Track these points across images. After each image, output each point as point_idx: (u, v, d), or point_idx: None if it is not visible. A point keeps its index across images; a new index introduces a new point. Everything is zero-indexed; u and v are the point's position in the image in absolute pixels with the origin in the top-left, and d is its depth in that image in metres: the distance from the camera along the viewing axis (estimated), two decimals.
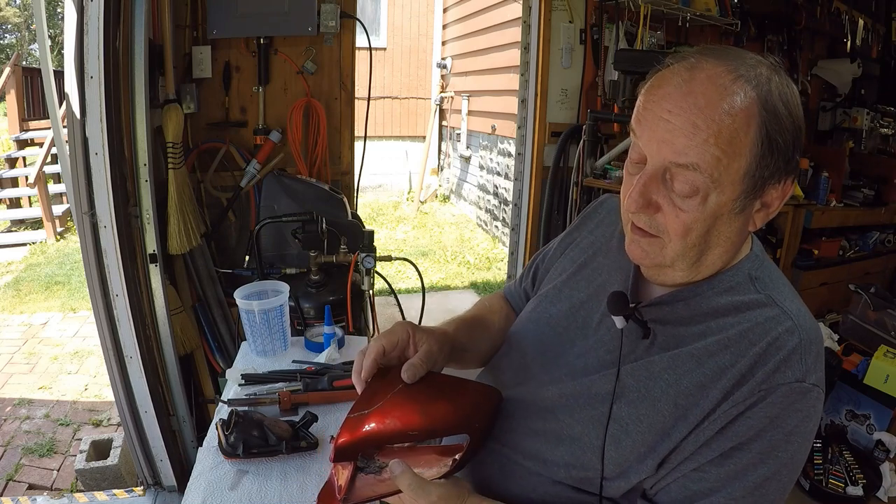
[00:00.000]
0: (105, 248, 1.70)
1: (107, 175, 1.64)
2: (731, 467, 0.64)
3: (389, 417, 0.69)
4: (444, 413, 0.73)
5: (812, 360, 0.65)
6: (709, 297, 0.71)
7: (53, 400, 2.87)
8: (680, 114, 0.61)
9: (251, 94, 2.24)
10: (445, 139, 7.36)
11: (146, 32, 1.76)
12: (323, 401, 1.22)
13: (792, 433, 0.63)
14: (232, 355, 1.96)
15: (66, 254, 5.04)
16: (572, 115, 2.75)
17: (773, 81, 0.63)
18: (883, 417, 1.60)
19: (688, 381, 0.67)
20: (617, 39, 2.65)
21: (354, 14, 2.31)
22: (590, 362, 0.76)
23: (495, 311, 1.00)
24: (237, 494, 0.99)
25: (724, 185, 0.62)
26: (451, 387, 0.77)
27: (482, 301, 1.04)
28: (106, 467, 2.17)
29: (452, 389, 0.77)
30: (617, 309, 0.71)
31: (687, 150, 0.61)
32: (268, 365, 1.38)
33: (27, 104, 6.10)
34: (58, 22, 12.34)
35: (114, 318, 1.77)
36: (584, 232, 0.90)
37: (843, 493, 1.44)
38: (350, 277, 1.80)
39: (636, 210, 0.66)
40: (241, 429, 1.05)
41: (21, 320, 3.80)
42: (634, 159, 0.68)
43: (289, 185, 2.16)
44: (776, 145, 0.62)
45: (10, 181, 5.76)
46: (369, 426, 0.68)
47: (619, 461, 0.69)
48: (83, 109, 1.61)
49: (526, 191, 2.88)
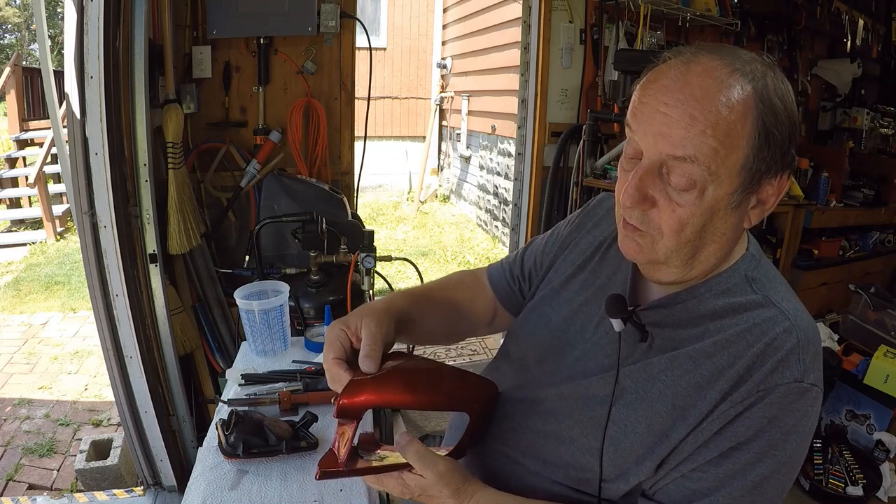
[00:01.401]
0: (105, 248, 1.70)
1: (107, 175, 1.64)
2: (729, 467, 0.64)
3: (394, 380, 0.69)
4: (447, 385, 0.74)
5: (810, 359, 0.65)
6: (706, 299, 0.71)
7: (53, 400, 2.87)
8: (677, 106, 0.61)
9: (251, 94, 2.24)
10: (445, 139, 7.36)
11: (146, 32, 1.76)
12: (323, 401, 1.22)
13: (790, 432, 0.63)
14: (232, 355, 1.97)
15: (66, 254, 5.04)
16: (572, 115, 2.76)
17: (769, 76, 0.63)
18: (883, 417, 1.60)
19: (686, 383, 0.67)
20: (617, 39, 2.65)
21: (354, 14, 2.31)
22: (588, 365, 0.76)
23: (455, 287, 0.96)
24: (237, 494, 0.99)
25: (721, 179, 0.62)
26: (450, 369, 0.78)
27: (445, 277, 1.00)
28: (106, 467, 2.17)
29: (452, 371, 0.77)
30: (615, 312, 0.70)
31: (684, 141, 0.61)
32: (268, 365, 1.38)
33: (27, 104, 6.10)
34: (58, 22, 12.34)
35: (114, 318, 1.77)
36: (583, 232, 0.89)
37: (843, 493, 1.44)
38: (350, 277, 1.80)
39: (632, 205, 0.66)
40: (241, 429, 1.05)
41: (21, 320, 3.80)
42: (630, 155, 0.68)
43: (289, 185, 2.16)
44: (773, 138, 0.62)
45: (10, 181, 5.76)
46: (374, 385, 0.67)
47: (617, 463, 0.69)
48: (83, 109, 1.61)
49: (526, 191, 2.88)
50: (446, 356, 3.23)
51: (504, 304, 0.96)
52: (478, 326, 0.97)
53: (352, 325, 0.73)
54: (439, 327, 0.90)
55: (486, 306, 0.96)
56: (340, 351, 0.72)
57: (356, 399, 0.66)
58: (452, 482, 0.68)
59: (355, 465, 0.70)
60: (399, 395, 0.68)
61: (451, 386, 0.75)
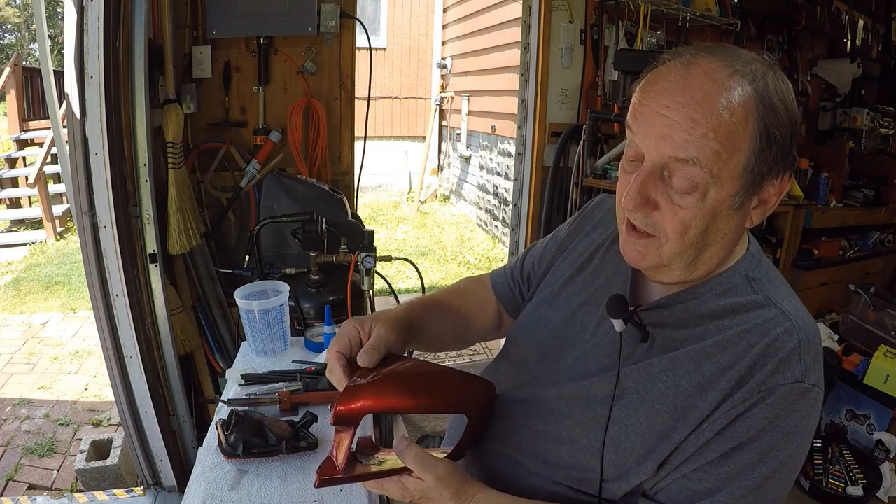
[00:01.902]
0: (105, 248, 1.70)
1: (107, 175, 1.64)
2: (730, 467, 0.64)
3: (390, 385, 0.69)
4: (444, 388, 0.74)
5: (811, 359, 0.65)
6: (707, 299, 0.71)
7: (53, 400, 2.87)
8: (678, 109, 0.61)
9: (251, 94, 2.24)
10: (445, 139, 7.36)
11: (146, 32, 1.75)
12: (323, 401, 1.22)
13: (791, 433, 0.63)
14: (232, 355, 1.97)
15: (66, 254, 5.04)
16: (572, 115, 2.75)
17: (769, 77, 0.63)
18: (883, 417, 1.60)
19: (687, 383, 0.67)
20: (617, 39, 2.65)
21: (354, 14, 2.31)
22: (589, 365, 0.76)
23: (463, 294, 0.98)
24: (237, 494, 0.99)
25: (723, 181, 0.62)
26: (447, 371, 0.78)
27: (455, 284, 1.02)
28: (106, 467, 2.17)
29: (449, 373, 0.78)
30: (616, 312, 0.70)
31: (686, 144, 0.61)
32: (268, 365, 1.39)
33: (27, 104, 6.10)
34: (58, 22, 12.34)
35: (114, 318, 1.77)
36: (581, 234, 0.89)
37: (843, 494, 1.44)
38: (350, 277, 1.80)
39: (634, 208, 0.66)
40: (241, 429, 1.05)
41: (21, 320, 3.80)
42: (631, 157, 0.68)
43: (289, 185, 2.16)
44: (774, 139, 0.62)
45: (10, 181, 5.76)
46: (370, 391, 0.68)
47: (618, 463, 0.69)
48: (83, 109, 1.61)
49: (526, 191, 2.88)
50: (446, 356, 3.23)
51: (506, 308, 0.98)
52: (487, 332, 0.99)
53: (366, 326, 0.76)
54: (449, 335, 0.92)
55: (493, 313, 0.98)
56: (346, 346, 0.74)
57: (352, 406, 0.66)
58: (452, 484, 0.68)
59: (354, 470, 0.70)
60: (395, 399, 0.69)
61: (448, 389, 0.75)
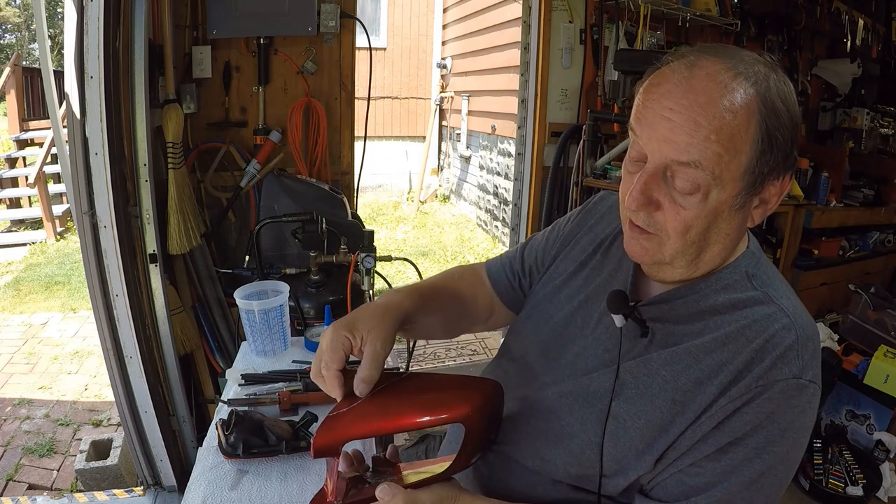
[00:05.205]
0: (105, 248, 1.70)
1: (107, 175, 1.64)
2: (727, 462, 0.64)
3: (371, 412, 0.67)
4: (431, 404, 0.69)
5: (808, 356, 0.65)
6: (707, 294, 0.71)
7: (53, 400, 2.87)
8: (681, 111, 0.61)
9: (251, 94, 2.24)
10: (445, 139, 7.36)
11: (146, 32, 1.76)
12: (323, 401, 1.22)
13: (787, 429, 0.64)
14: (232, 355, 1.96)
15: (66, 254, 5.04)
16: (572, 115, 2.76)
17: (771, 78, 0.63)
18: (883, 417, 1.60)
19: (685, 378, 0.67)
20: (617, 39, 2.65)
21: (354, 14, 2.31)
22: (588, 361, 0.76)
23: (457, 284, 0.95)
24: (237, 494, 0.99)
25: (725, 182, 0.63)
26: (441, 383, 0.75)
27: (449, 272, 0.98)
28: (106, 467, 2.17)
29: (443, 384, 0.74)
30: (616, 308, 0.71)
31: (689, 147, 0.61)
32: (268, 365, 1.38)
33: (27, 104, 6.09)
34: (58, 22, 12.33)
35: (114, 318, 1.77)
36: (584, 230, 0.89)
37: (843, 493, 1.44)
38: (350, 277, 1.80)
39: (637, 208, 0.66)
40: (241, 429, 1.05)
41: (21, 320, 3.80)
42: (634, 157, 0.68)
43: (289, 185, 2.16)
44: (775, 141, 0.63)
45: (10, 181, 5.76)
46: (348, 421, 0.66)
47: (617, 458, 0.69)
48: (83, 109, 1.61)
49: (526, 191, 2.88)
50: (446, 356, 3.23)
51: (503, 299, 0.96)
52: (476, 322, 0.97)
53: (357, 336, 0.70)
54: (440, 324, 0.90)
55: (486, 302, 0.96)
56: (343, 361, 0.69)
57: (329, 438, 0.64)
58: None
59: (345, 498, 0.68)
60: (375, 426, 0.66)
61: (437, 405, 0.69)
